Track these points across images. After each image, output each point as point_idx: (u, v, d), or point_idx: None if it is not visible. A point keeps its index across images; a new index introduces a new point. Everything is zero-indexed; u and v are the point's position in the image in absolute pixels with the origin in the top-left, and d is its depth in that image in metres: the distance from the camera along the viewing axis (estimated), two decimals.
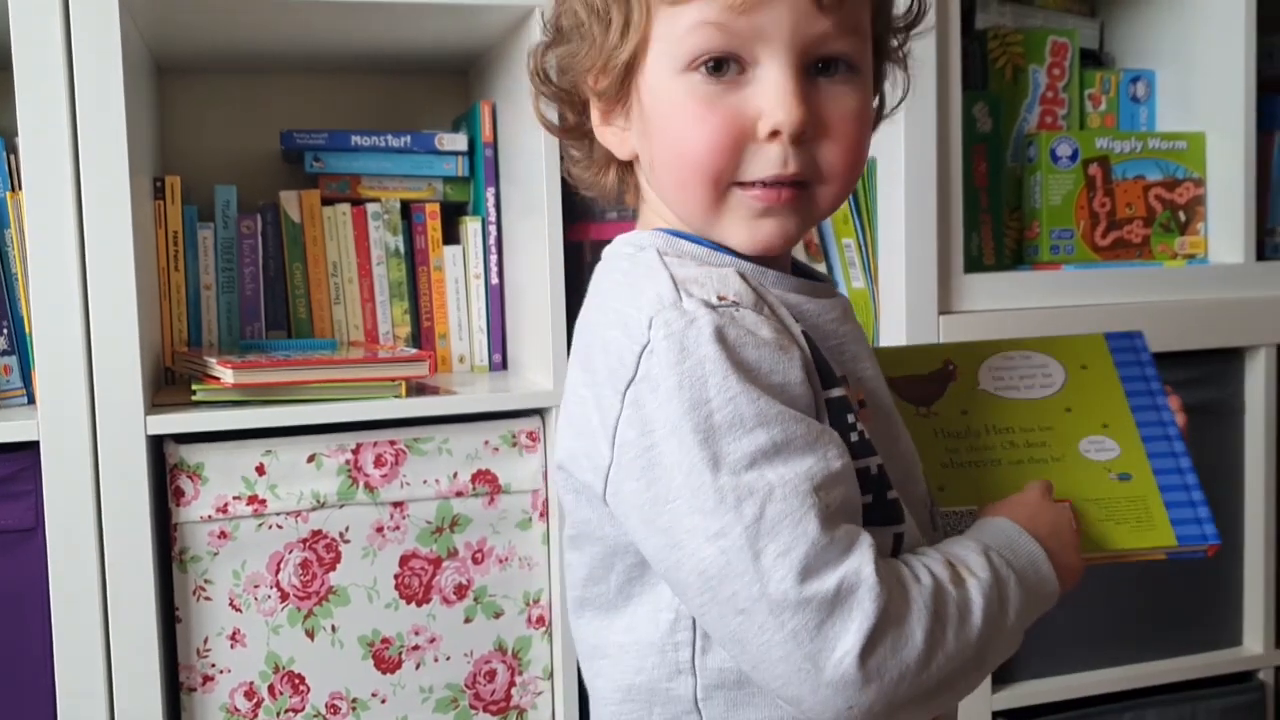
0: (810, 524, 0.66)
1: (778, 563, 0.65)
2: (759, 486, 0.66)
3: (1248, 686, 1.60)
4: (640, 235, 0.79)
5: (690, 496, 0.67)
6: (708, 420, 0.67)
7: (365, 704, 1.35)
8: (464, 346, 1.56)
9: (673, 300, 0.70)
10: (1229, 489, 1.60)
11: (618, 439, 0.70)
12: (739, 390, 0.67)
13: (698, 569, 0.67)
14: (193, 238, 1.47)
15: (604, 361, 0.72)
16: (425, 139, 1.55)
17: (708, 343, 0.68)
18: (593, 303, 0.78)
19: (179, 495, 1.28)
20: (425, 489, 1.34)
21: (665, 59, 0.74)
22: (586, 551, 0.78)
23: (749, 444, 0.67)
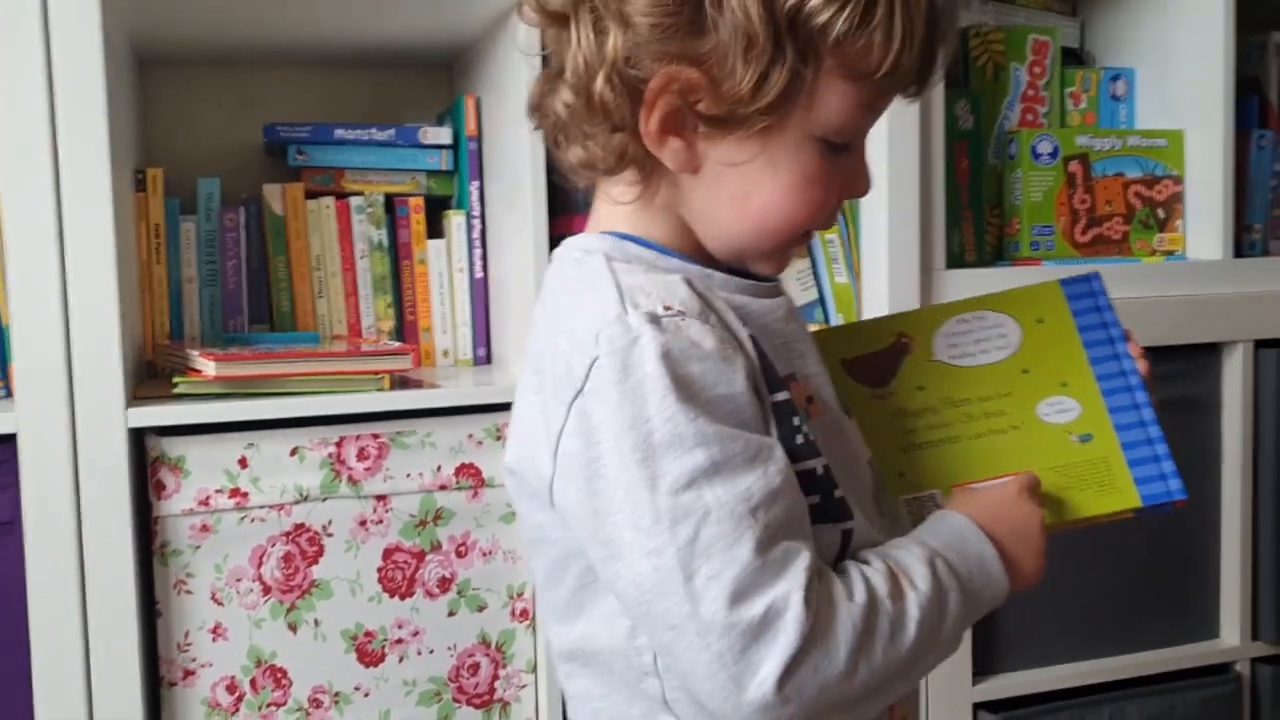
0: (743, 548, 0.67)
1: (708, 585, 0.66)
2: (695, 508, 0.67)
3: (1225, 678, 1.62)
4: (588, 239, 0.79)
5: (629, 512, 0.68)
6: (647, 439, 0.68)
7: (348, 698, 1.35)
8: (448, 340, 1.56)
9: (617, 314, 0.70)
10: (1206, 483, 1.61)
11: (561, 448, 0.71)
12: (677, 410, 0.68)
13: (634, 582, 0.68)
14: (175, 230, 1.47)
15: (552, 370, 0.72)
16: (409, 132, 1.55)
17: (650, 360, 0.69)
18: (543, 309, 0.79)
19: (160, 488, 1.27)
20: (409, 482, 1.34)
21: (806, 122, 0.74)
22: (542, 555, 0.79)
23: (687, 464, 0.68)
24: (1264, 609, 1.62)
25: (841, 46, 0.72)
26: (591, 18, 0.74)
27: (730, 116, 0.73)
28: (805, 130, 0.75)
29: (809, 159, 0.76)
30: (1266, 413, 1.60)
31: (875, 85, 0.74)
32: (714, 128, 0.74)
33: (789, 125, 0.74)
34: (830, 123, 0.75)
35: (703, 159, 0.76)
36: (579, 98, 0.75)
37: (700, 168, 0.76)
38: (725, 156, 0.75)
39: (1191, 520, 1.62)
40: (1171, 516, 1.59)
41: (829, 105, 0.74)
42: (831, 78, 0.73)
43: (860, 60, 0.72)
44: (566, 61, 0.75)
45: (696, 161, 0.76)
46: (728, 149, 0.75)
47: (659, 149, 0.75)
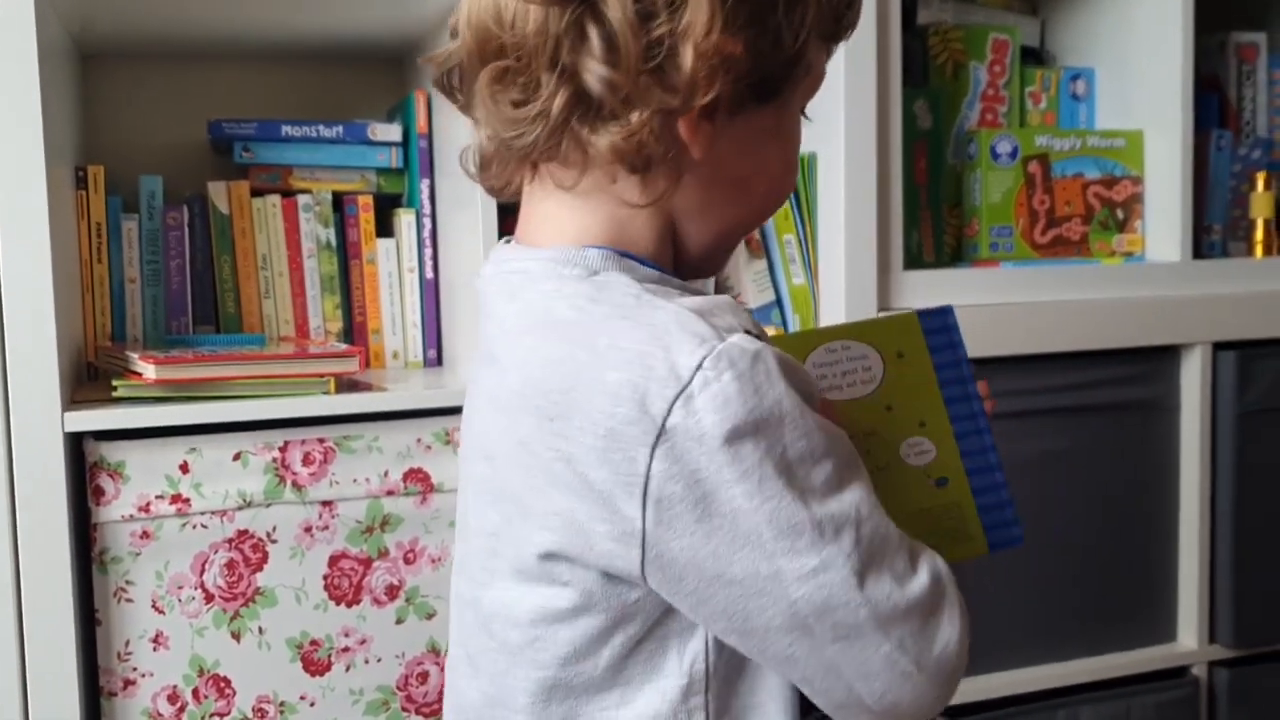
0: (892, 533, 0.68)
1: (880, 581, 0.66)
2: (847, 513, 0.66)
3: (1182, 682, 1.61)
4: (576, 253, 0.70)
5: (777, 539, 0.64)
6: (784, 459, 0.64)
7: (293, 707, 1.32)
8: (397, 342, 1.53)
9: (714, 335, 0.64)
10: (1163, 486, 1.61)
11: (652, 496, 0.63)
12: (808, 423, 0.65)
13: (789, 611, 0.65)
14: (116, 229, 1.43)
15: (608, 411, 0.64)
16: (358, 129, 1.52)
17: (777, 379, 0.64)
18: (543, 336, 0.68)
19: (99, 494, 1.24)
20: (355, 488, 1.31)
21: (802, 89, 0.74)
22: (579, 626, 0.69)
23: (821, 475, 0.65)
24: (1221, 612, 1.62)
25: (835, 8, 0.72)
26: None
27: (768, 86, 0.70)
28: (800, 97, 0.74)
29: (798, 125, 0.75)
30: (1224, 415, 1.60)
31: (835, 46, 0.75)
32: (753, 100, 0.70)
33: (795, 93, 0.73)
34: (813, 89, 0.75)
35: (718, 142, 0.70)
36: (624, 76, 0.65)
37: (714, 151, 0.70)
38: (745, 135, 0.71)
39: (1149, 523, 1.61)
40: (1129, 519, 1.59)
41: (816, 69, 0.74)
42: (816, 40, 0.72)
43: (840, 22, 0.73)
44: (588, 40, 0.66)
45: (714, 144, 0.70)
46: (750, 126, 0.71)
47: (693, 135, 0.68)
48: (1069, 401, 1.55)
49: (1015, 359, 1.51)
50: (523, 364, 0.68)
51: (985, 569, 1.49)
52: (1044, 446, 1.54)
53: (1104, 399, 1.56)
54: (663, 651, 0.69)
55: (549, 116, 0.67)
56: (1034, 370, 1.52)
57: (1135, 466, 1.59)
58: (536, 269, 0.71)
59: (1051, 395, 1.54)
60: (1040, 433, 1.53)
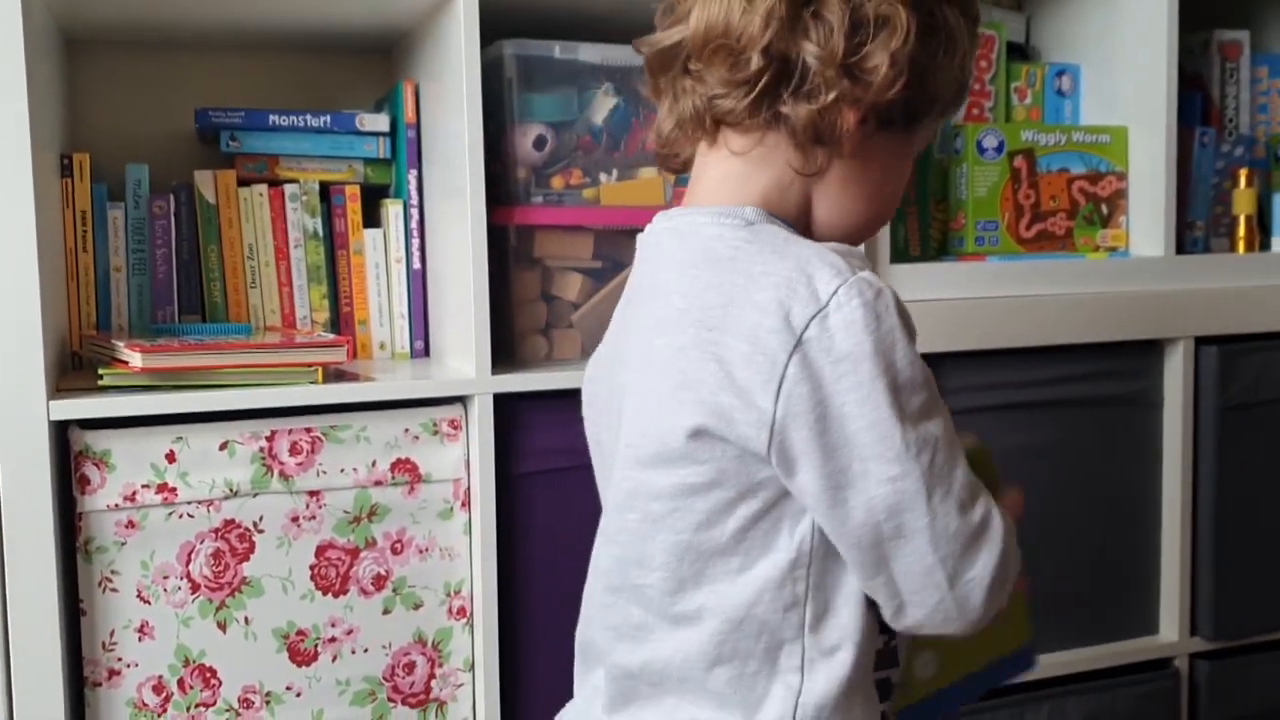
0: (960, 468, 0.80)
1: (944, 501, 0.78)
2: (930, 438, 0.78)
3: (1163, 674, 1.63)
4: (738, 210, 0.86)
5: (873, 445, 0.77)
6: (894, 381, 0.77)
7: (279, 697, 1.32)
8: (385, 333, 1.53)
9: (848, 269, 0.78)
10: (1146, 480, 1.62)
11: (784, 392, 0.77)
12: (913, 356, 0.79)
13: (866, 505, 0.78)
14: (102, 218, 1.42)
15: (756, 322, 0.78)
16: (346, 119, 1.51)
17: (893, 312, 0.78)
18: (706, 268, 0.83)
19: (84, 483, 1.23)
20: (343, 478, 1.31)
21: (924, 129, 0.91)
22: (712, 497, 0.82)
23: (918, 402, 0.78)
24: (1202, 605, 1.63)
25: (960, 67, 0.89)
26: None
27: (915, 113, 0.87)
28: (923, 136, 0.91)
29: (911, 163, 0.93)
30: (1206, 409, 1.61)
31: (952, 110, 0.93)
32: (901, 121, 0.87)
33: (921, 131, 0.90)
34: (928, 137, 0.93)
35: (864, 147, 0.86)
36: (833, 67, 0.82)
37: (860, 155, 0.86)
38: (885, 149, 0.88)
39: (1131, 517, 1.62)
40: (1111, 513, 1.60)
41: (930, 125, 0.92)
42: (947, 94, 0.90)
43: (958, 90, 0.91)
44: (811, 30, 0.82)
45: (863, 148, 0.86)
46: (890, 143, 0.88)
47: (852, 131, 0.84)
48: (1052, 395, 1.56)
49: (999, 352, 1.51)
50: (688, 291, 0.83)
51: None
52: (1027, 440, 1.55)
53: (1087, 393, 1.57)
54: (777, 529, 0.82)
55: (756, 84, 0.83)
56: (1018, 364, 1.53)
57: (1118, 460, 1.60)
58: (702, 219, 0.87)
59: (1035, 389, 1.55)
60: (1023, 426, 1.54)
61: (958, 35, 0.86)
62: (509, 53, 1.39)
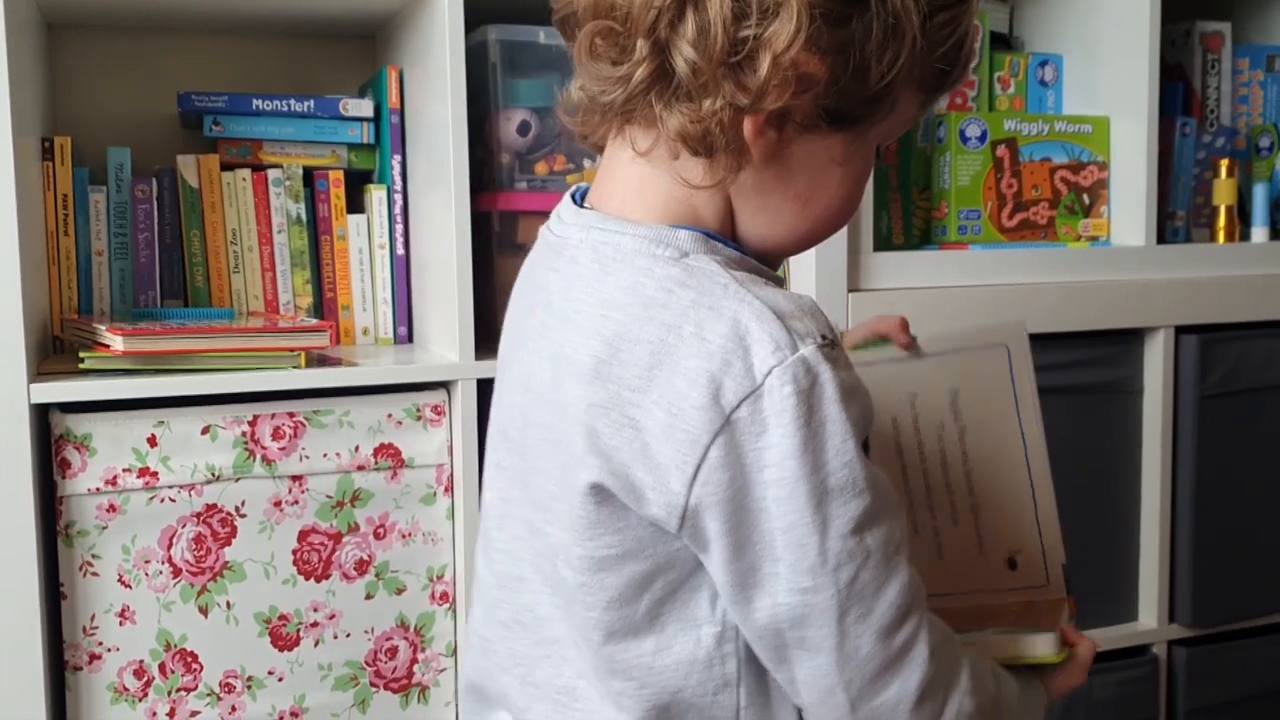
0: (890, 588, 0.70)
1: (859, 624, 0.70)
2: (859, 552, 0.69)
3: (1142, 660, 1.64)
4: (671, 235, 0.73)
5: (788, 550, 0.69)
6: (823, 484, 0.68)
7: (261, 682, 1.31)
8: (368, 319, 1.53)
9: (789, 345, 0.67)
10: (1126, 468, 1.63)
11: (701, 477, 0.68)
12: (853, 455, 0.68)
13: (771, 610, 0.70)
14: (84, 201, 1.42)
15: (682, 393, 0.68)
16: (330, 104, 1.51)
17: (833, 404, 0.68)
18: (632, 313, 0.71)
19: (65, 467, 1.23)
20: (325, 462, 1.31)
21: (883, 126, 0.75)
22: (624, 572, 0.73)
23: (856, 508, 0.69)
24: (1181, 592, 1.65)
25: (940, 61, 0.73)
26: None
27: (842, 114, 0.71)
28: (878, 135, 0.75)
29: (869, 163, 0.77)
30: (1186, 398, 1.62)
31: (930, 101, 0.77)
32: (824, 123, 0.72)
33: (874, 129, 0.74)
34: (894, 130, 0.76)
35: (784, 153, 0.73)
36: (711, 67, 0.68)
37: (778, 161, 0.73)
38: (811, 155, 0.73)
39: (1111, 504, 1.63)
40: (1091, 500, 1.61)
41: (905, 112, 0.75)
42: (914, 87, 0.74)
43: (942, 78, 0.74)
44: (687, 22, 0.68)
45: (779, 155, 0.73)
46: (816, 148, 0.73)
47: (758, 138, 0.71)
48: None
49: None
50: (612, 338, 0.71)
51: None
52: None
53: (1068, 381, 1.58)
54: (691, 600, 0.74)
55: (629, 82, 0.70)
56: None
57: (1098, 448, 1.61)
58: (629, 245, 0.73)
59: None
60: None
61: (903, 18, 0.69)
62: (493, 38, 1.39)
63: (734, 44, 0.68)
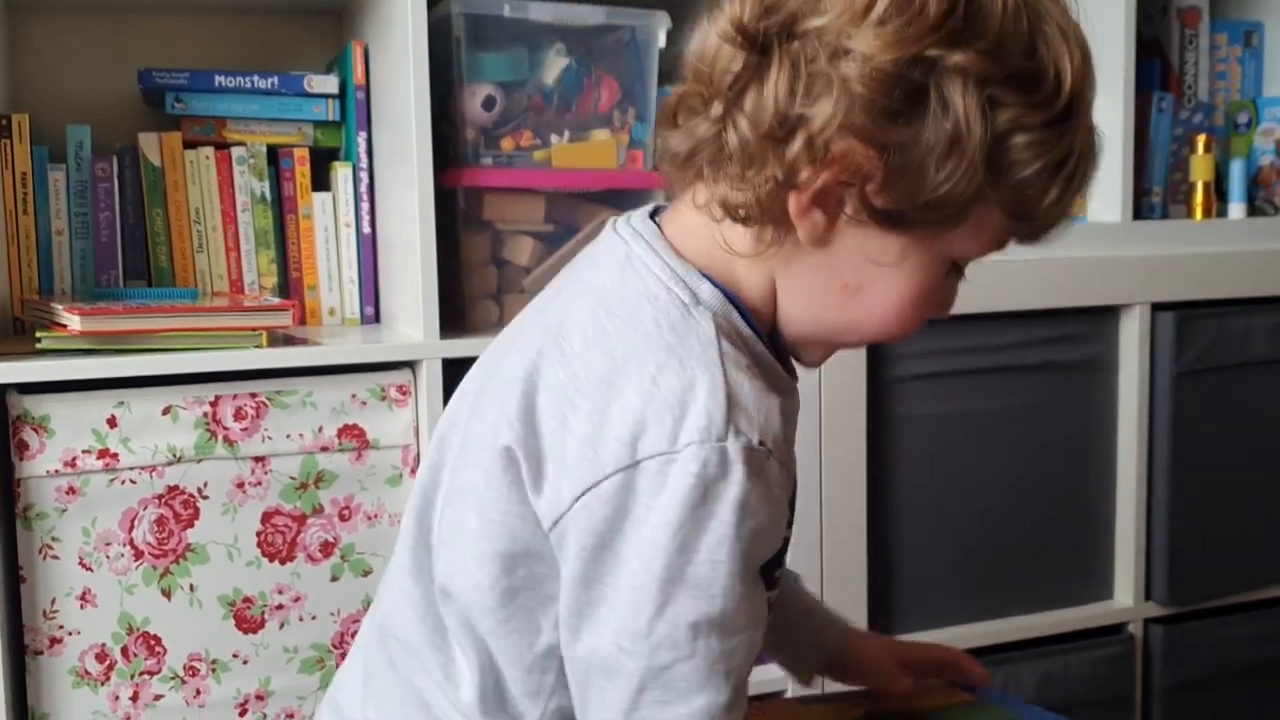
0: (700, 699, 0.69)
1: (652, 709, 0.69)
2: (684, 648, 0.68)
3: (1118, 639, 1.63)
4: (696, 282, 0.74)
5: (624, 607, 0.69)
6: (682, 570, 0.68)
7: (226, 665, 1.30)
8: (334, 298, 1.51)
9: (719, 433, 0.67)
10: (1101, 446, 1.62)
11: (587, 500, 0.69)
12: (725, 558, 0.68)
13: (590, 649, 0.70)
14: (43, 180, 1.40)
15: (611, 420, 0.69)
16: (294, 81, 1.49)
17: (729, 505, 0.67)
18: (618, 326, 0.73)
19: (22, 448, 1.21)
20: (288, 443, 1.29)
21: (952, 240, 0.72)
22: (499, 542, 0.74)
23: (701, 609, 0.68)
24: (1157, 570, 1.64)
25: (1023, 185, 0.69)
26: (793, 62, 0.68)
27: (894, 214, 0.69)
28: (946, 247, 0.72)
29: (934, 276, 0.73)
30: (1162, 375, 1.61)
31: (1024, 227, 0.72)
32: (874, 219, 0.70)
33: (940, 240, 0.71)
34: (972, 250, 0.73)
35: (834, 240, 0.72)
36: (757, 140, 0.69)
37: (828, 246, 0.72)
38: (864, 249, 0.71)
39: (1087, 482, 1.62)
40: (1067, 478, 1.60)
41: (980, 232, 0.71)
42: (996, 208, 0.70)
43: (1031, 204, 0.70)
44: (750, 94, 0.69)
45: (829, 240, 0.72)
46: (869, 243, 0.71)
47: (802, 217, 0.70)
48: (1009, 361, 1.55)
49: (956, 318, 1.49)
50: (592, 337, 0.73)
51: (923, 528, 1.49)
52: (983, 405, 1.54)
53: (1044, 358, 1.57)
54: (545, 610, 0.75)
55: (693, 137, 0.73)
56: (975, 329, 1.52)
57: (1074, 425, 1.60)
58: (655, 267, 0.75)
59: (992, 354, 1.54)
60: (980, 391, 1.54)
61: (965, 131, 0.66)
62: (457, 11, 1.36)
63: (782, 119, 0.68)
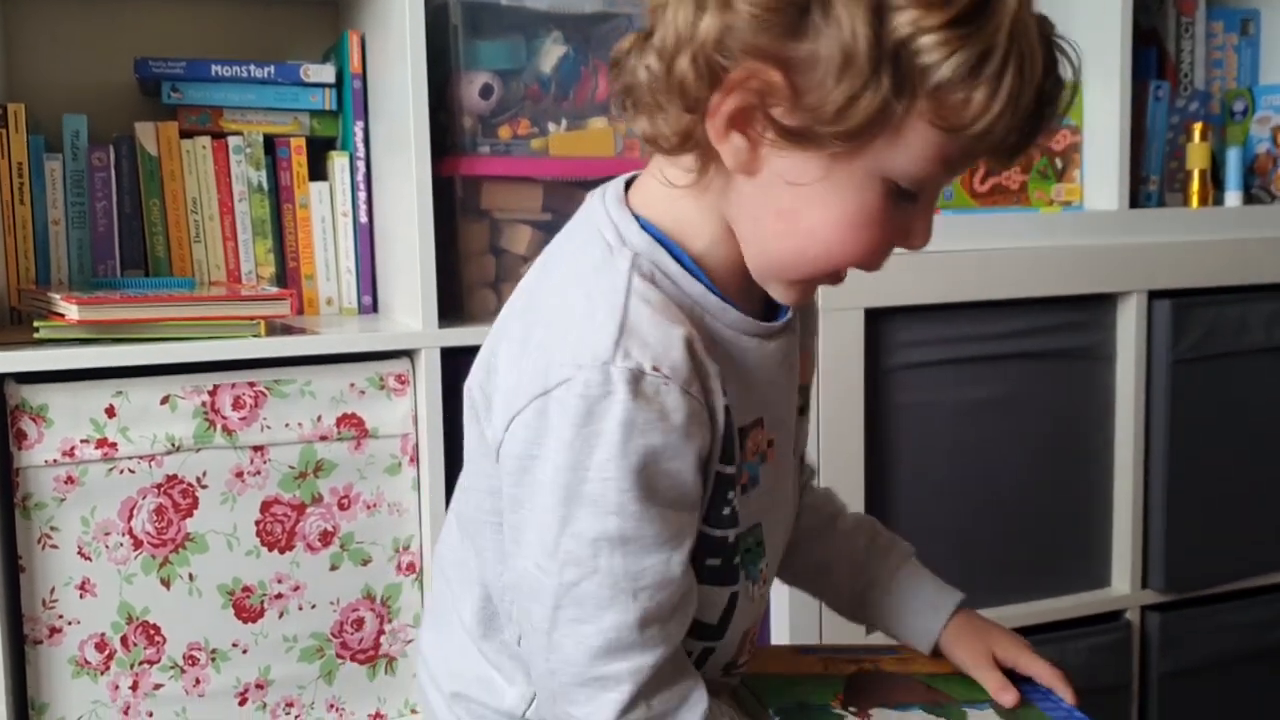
0: (611, 615, 0.71)
1: (569, 626, 0.72)
2: (587, 564, 0.71)
3: (1115, 625, 1.63)
4: (630, 226, 0.76)
5: (537, 527, 0.72)
6: (578, 486, 0.70)
7: (225, 654, 1.30)
8: (332, 288, 1.51)
9: (606, 357, 0.69)
10: (1098, 433, 1.62)
11: (512, 428, 0.73)
12: (615, 475, 0.70)
13: (520, 572, 0.74)
14: (39, 169, 1.39)
15: (535, 351, 0.73)
16: (290, 70, 1.48)
17: (612, 422, 0.69)
18: (551, 278, 0.78)
19: (21, 438, 1.21)
20: (287, 432, 1.29)
21: (881, 158, 0.70)
22: (485, 470, 0.80)
23: (598, 526, 0.70)
24: (1154, 557, 1.64)
25: (941, 92, 0.67)
26: None
27: (805, 131, 0.69)
28: (876, 166, 0.70)
29: (871, 197, 0.71)
30: (1159, 363, 1.61)
31: (962, 141, 0.69)
32: (784, 138, 0.69)
33: (862, 156, 0.70)
34: (905, 167, 0.70)
35: (762, 165, 0.72)
36: (662, 68, 0.71)
37: (758, 172, 0.72)
38: (786, 170, 0.71)
39: (1084, 470, 1.62)
40: (1064, 465, 1.60)
41: (910, 148, 0.69)
42: (920, 120, 0.68)
43: (956, 112, 0.67)
44: (658, 27, 0.71)
45: (756, 165, 0.72)
46: (791, 163, 0.71)
47: (721, 142, 0.71)
48: (1006, 349, 1.55)
49: (954, 306, 1.51)
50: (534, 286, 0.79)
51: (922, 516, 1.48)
52: (981, 393, 1.55)
53: (1041, 346, 1.57)
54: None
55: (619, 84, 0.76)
56: (972, 317, 1.52)
57: (1071, 413, 1.60)
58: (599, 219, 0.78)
59: (989, 342, 1.54)
60: (977, 379, 1.54)
61: (854, 39, 0.65)
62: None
63: (678, 46, 0.69)
